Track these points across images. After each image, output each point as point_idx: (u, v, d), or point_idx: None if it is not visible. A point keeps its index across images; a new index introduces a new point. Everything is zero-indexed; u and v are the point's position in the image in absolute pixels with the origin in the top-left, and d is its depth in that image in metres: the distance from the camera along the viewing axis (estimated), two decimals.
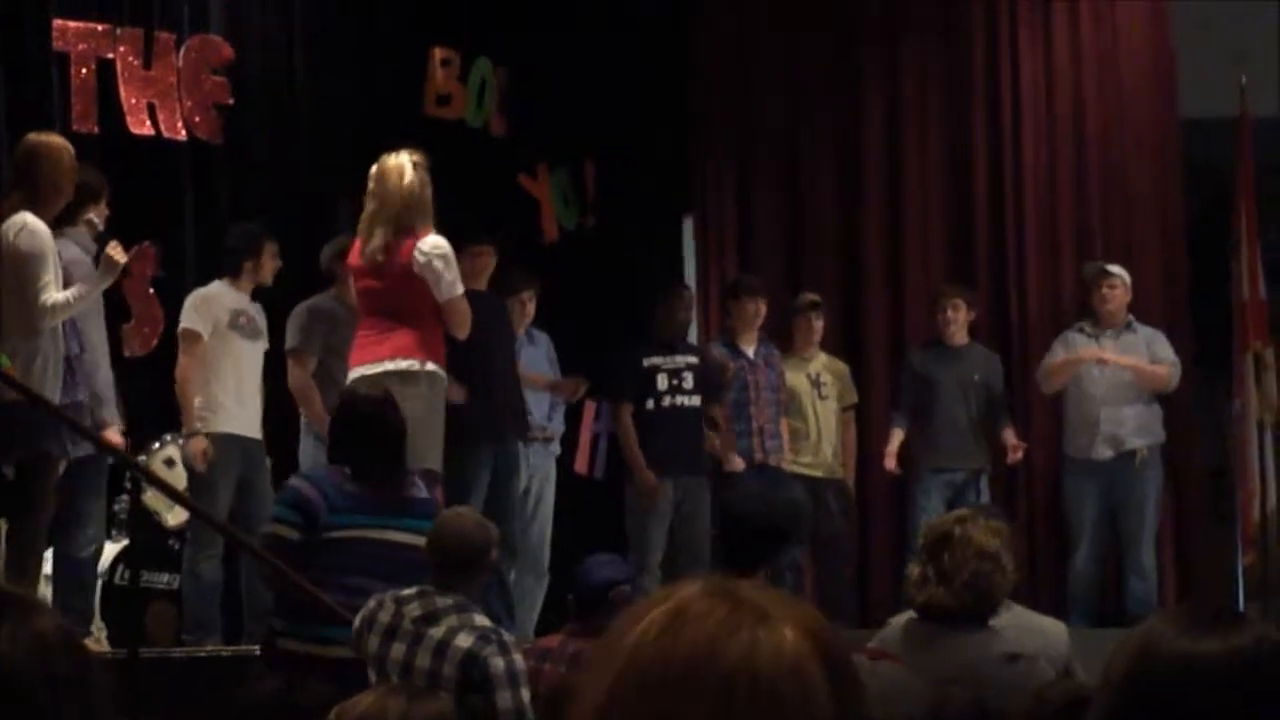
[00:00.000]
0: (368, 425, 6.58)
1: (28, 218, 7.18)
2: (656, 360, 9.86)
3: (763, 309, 10.35)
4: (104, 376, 7.71)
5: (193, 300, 8.68)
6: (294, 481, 6.76)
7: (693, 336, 10.90)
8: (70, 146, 7.46)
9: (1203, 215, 11.87)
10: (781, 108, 11.93)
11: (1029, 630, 5.83)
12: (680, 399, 9.86)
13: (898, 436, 10.61)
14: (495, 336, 8.98)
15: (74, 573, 7.71)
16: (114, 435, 7.62)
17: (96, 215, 7.79)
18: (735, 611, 1.56)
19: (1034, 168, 11.56)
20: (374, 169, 7.75)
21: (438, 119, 10.71)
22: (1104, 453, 10.32)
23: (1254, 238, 10.91)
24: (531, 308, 9.87)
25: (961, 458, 10.46)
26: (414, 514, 6.48)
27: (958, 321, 10.60)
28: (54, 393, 7.16)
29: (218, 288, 8.73)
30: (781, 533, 6.10)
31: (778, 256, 11.87)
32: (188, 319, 8.61)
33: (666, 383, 9.85)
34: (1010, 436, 10.55)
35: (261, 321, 8.66)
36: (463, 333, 7.76)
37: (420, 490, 6.67)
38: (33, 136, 7.43)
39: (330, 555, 6.35)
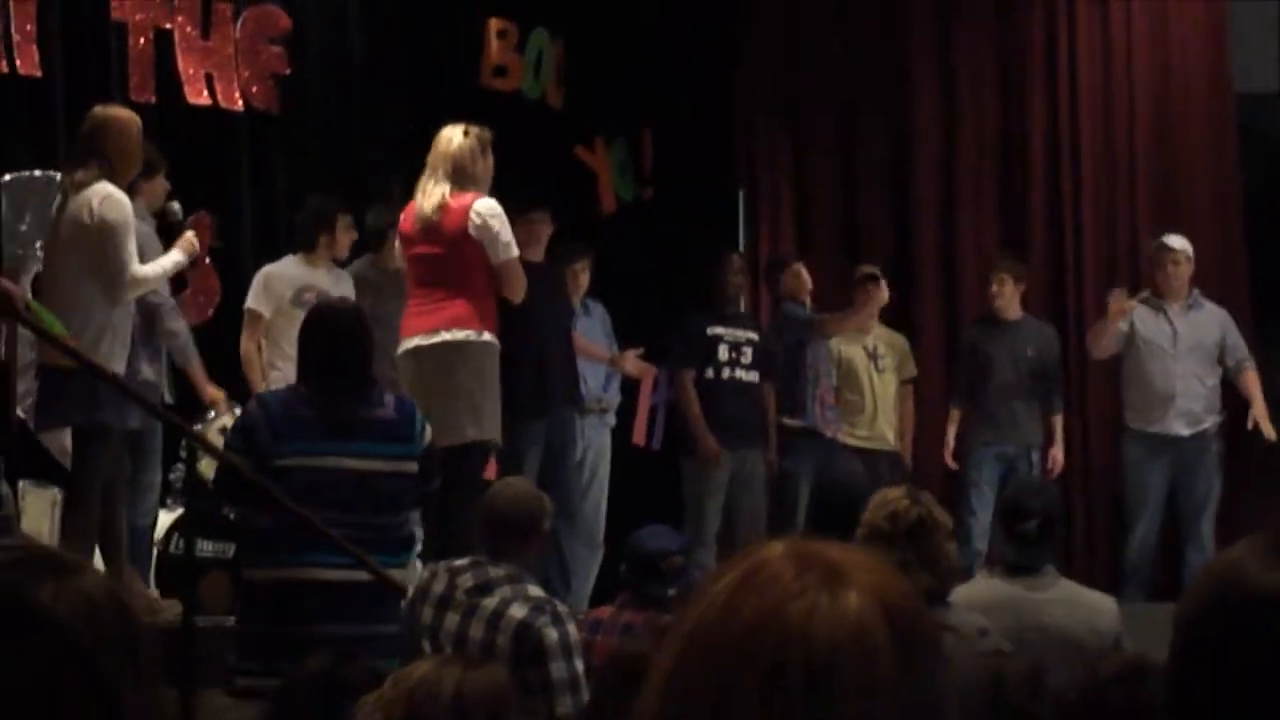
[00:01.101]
0: (328, 340, 6.21)
1: (110, 188, 7.11)
2: (719, 330, 9.84)
3: (805, 273, 10.33)
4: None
5: (258, 279, 8.76)
6: (247, 404, 6.58)
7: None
8: (138, 118, 7.42)
9: (1262, 189, 11.76)
10: (835, 80, 11.88)
11: (1075, 605, 5.82)
12: (739, 373, 9.84)
13: (954, 421, 10.58)
14: (550, 307, 8.95)
15: (133, 541, 7.75)
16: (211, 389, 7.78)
17: (156, 190, 7.82)
18: (803, 574, 1.53)
19: (1090, 140, 11.49)
20: (435, 138, 7.77)
21: (494, 90, 10.70)
22: (1179, 429, 10.23)
23: None
24: (586, 278, 9.84)
25: (1013, 432, 10.40)
26: (371, 437, 6.09)
27: (1005, 295, 10.51)
28: (120, 365, 7.14)
29: (286, 264, 8.80)
30: (854, 501, 5.99)
31: (832, 230, 11.85)
32: (252, 298, 8.72)
33: (727, 354, 9.83)
34: (1055, 432, 10.49)
35: (339, 293, 8.55)
36: (517, 297, 7.67)
37: (387, 410, 6.16)
38: (101, 109, 7.36)
39: (276, 485, 5.96)
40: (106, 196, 7.10)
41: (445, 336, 7.53)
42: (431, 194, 7.62)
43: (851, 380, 10.45)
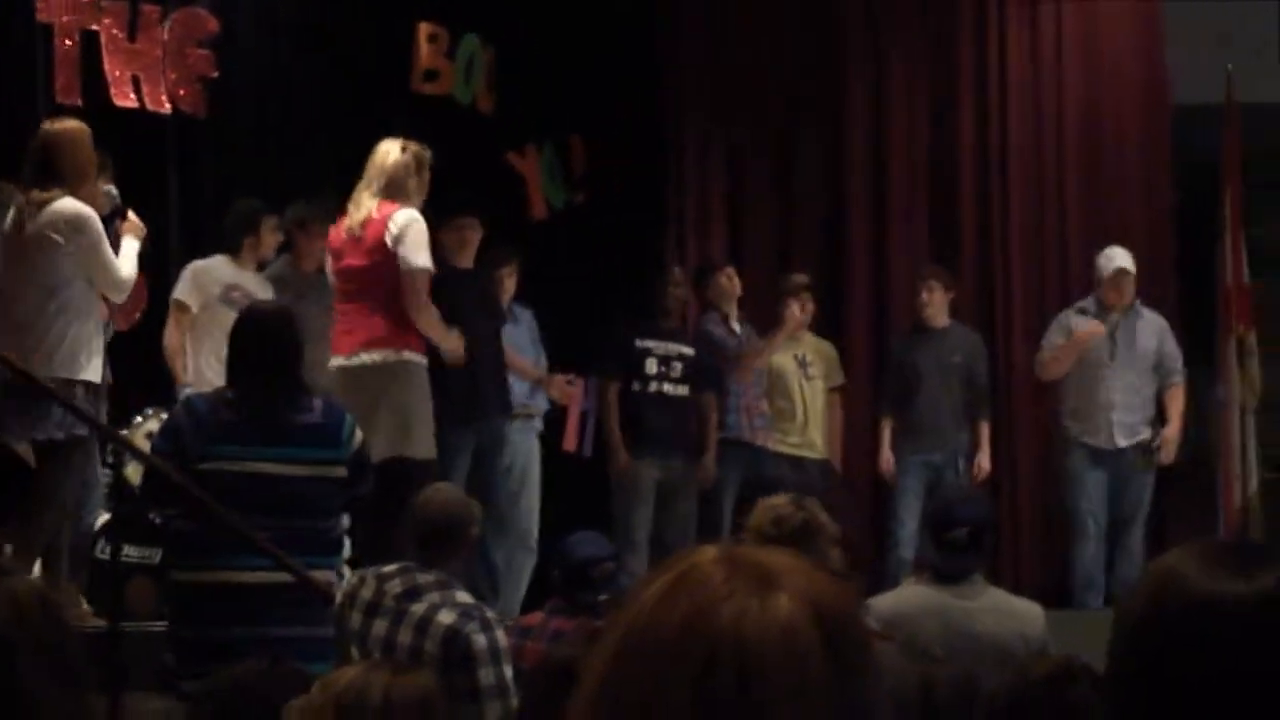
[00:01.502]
0: (258, 342, 6.22)
1: (74, 204, 7.19)
2: (649, 344, 9.86)
3: (734, 276, 10.35)
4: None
5: (187, 272, 8.77)
6: (174, 408, 6.57)
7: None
8: (87, 128, 7.42)
9: (1188, 201, 11.83)
10: (764, 87, 11.86)
11: (1004, 613, 5.83)
12: (667, 386, 9.86)
13: (888, 429, 10.55)
14: (480, 314, 8.93)
15: (79, 543, 7.72)
16: None
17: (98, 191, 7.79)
18: (733, 578, 1.53)
19: (1020, 150, 11.51)
20: (373, 150, 7.79)
21: (425, 95, 10.67)
22: (1120, 442, 10.20)
23: (1239, 224, 10.90)
24: (513, 284, 9.79)
25: (940, 440, 10.40)
26: (297, 441, 6.12)
27: (934, 303, 10.52)
28: (97, 374, 7.19)
29: (215, 262, 8.81)
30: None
31: (764, 238, 11.82)
32: (179, 289, 8.73)
33: (656, 367, 9.85)
34: (982, 440, 10.48)
35: (263, 295, 8.57)
36: (413, 312, 7.57)
37: (314, 414, 6.21)
38: (50, 125, 7.39)
39: (201, 489, 5.99)
40: (76, 214, 7.18)
41: (364, 359, 7.56)
42: (362, 206, 7.64)
43: (782, 388, 10.46)
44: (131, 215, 7.58)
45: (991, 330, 11.29)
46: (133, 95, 9.35)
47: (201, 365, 8.51)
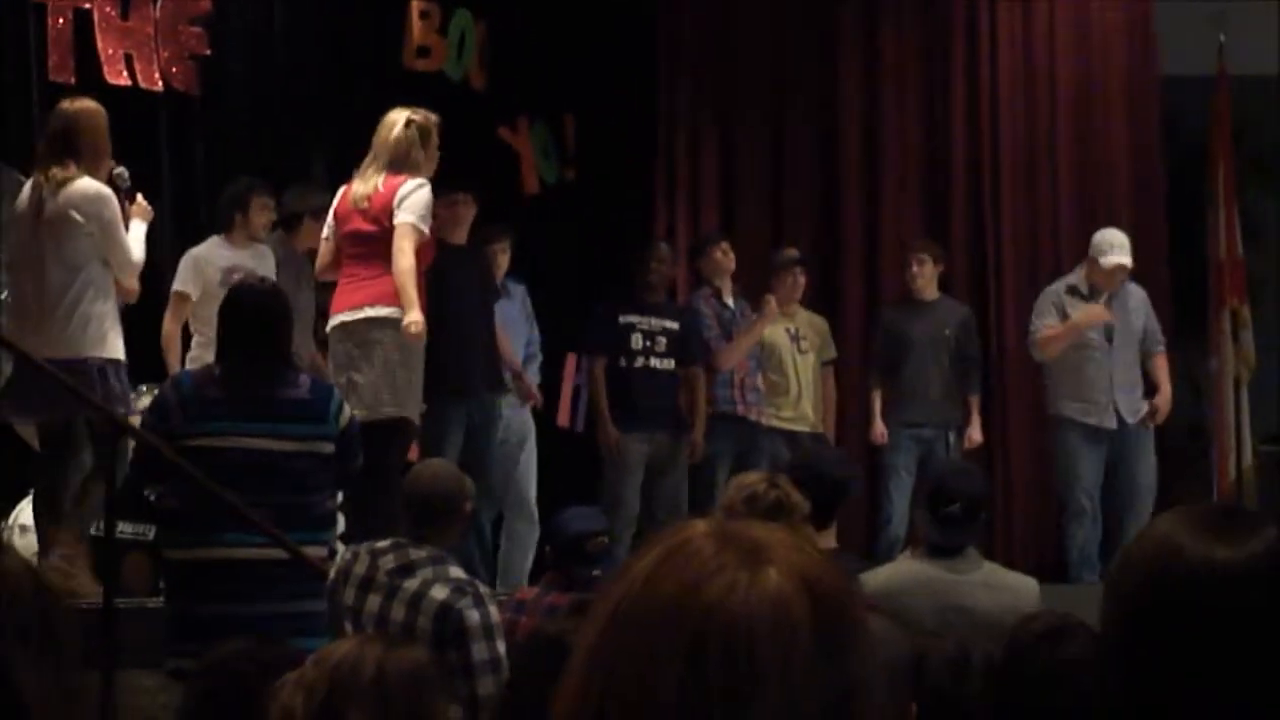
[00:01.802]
0: (246, 318, 6.24)
1: (93, 184, 7.30)
2: (633, 319, 9.85)
3: (729, 251, 10.33)
4: None
5: (186, 261, 8.73)
6: (162, 384, 6.60)
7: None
8: (103, 109, 7.50)
9: (1179, 173, 11.85)
10: (760, 63, 11.86)
11: (997, 587, 5.84)
12: (653, 361, 9.86)
13: (878, 399, 10.52)
14: (473, 289, 8.93)
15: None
16: None
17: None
18: (723, 552, 1.54)
19: (1011, 123, 11.54)
20: (379, 123, 7.79)
21: (417, 71, 10.65)
22: (1113, 421, 10.10)
23: (1231, 196, 10.92)
24: (505, 259, 9.76)
25: (931, 413, 10.39)
26: (283, 417, 6.14)
27: (924, 275, 10.50)
28: (119, 350, 7.30)
29: (211, 245, 8.77)
30: (841, 485, 6.11)
31: (756, 214, 11.83)
32: (179, 280, 8.69)
33: (641, 343, 9.86)
34: (973, 413, 10.45)
35: (263, 271, 8.51)
36: (400, 262, 7.49)
37: (300, 390, 6.22)
38: (69, 105, 7.47)
39: (178, 468, 6.00)
40: (98, 193, 7.30)
41: (369, 312, 7.51)
42: (369, 180, 7.64)
43: (775, 362, 10.46)
44: (140, 198, 7.65)
45: (984, 306, 11.31)
46: (125, 74, 9.33)
47: (206, 354, 8.47)
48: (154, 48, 9.41)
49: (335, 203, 7.84)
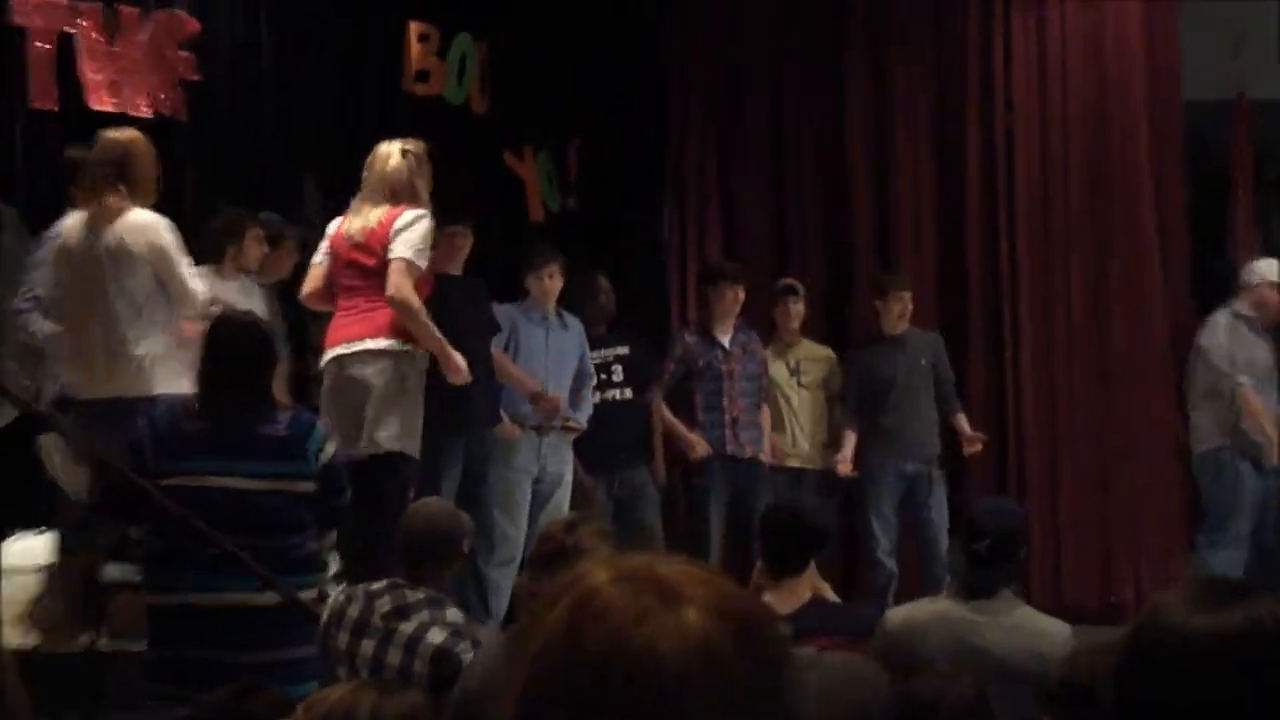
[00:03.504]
0: (225, 352, 6.24)
1: (149, 215, 7.35)
2: None
3: (741, 295, 10.25)
4: None
5: None
6: (136, 421, 6.55)
7: (674, 323, 10.90)
8: (146, 138, 7.54)
9: (1199, 200, 11.83)
10: (766, 91, 11.89)
11: (1023, 631, 5.78)
12: (610, 393, 9.89)
13: (851, 440, 10.46)
14: (469, 320, 8.88)
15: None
16: None
17: None
18: (639, 597, 1.55)
19: (1025, 150, 11.50)
20: (370, 155, 7.77)
21: (416, 96, 10.63)
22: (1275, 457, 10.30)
23: (1251, 221, 10.92)
24: (556, 286, 9.68)
25: (914, 449, 10.34)
26: (260, 455, 6.13)
27: (907, 314, 10.48)
28: (184, 384, 7.21)
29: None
30: (819, 533, 6.04)
31: (761, 244, 11.86)
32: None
33: (596, 378, 9.86)
34: (963, 424, 10.46)
35: (248, 307, 8.48)
36: (396, 291, 7.46)
37: (279, 426, 6.21)
38: (115, 135, 7.51)
39: (157, 507, 5.99)
40: (152, 223, 7.34)
41: (368, 344, 7.49)
42: (366, 214, 7.62)
43: (770, 397, 10.44)
44: None
45: (999, 334, 11.30)
46: (110, 99, 9.28)
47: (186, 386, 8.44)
48: (141, 73, 9.36)
49: (331, 231, 7.81)
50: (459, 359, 7.68)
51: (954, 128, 11.66)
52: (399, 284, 7.45)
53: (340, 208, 7.95)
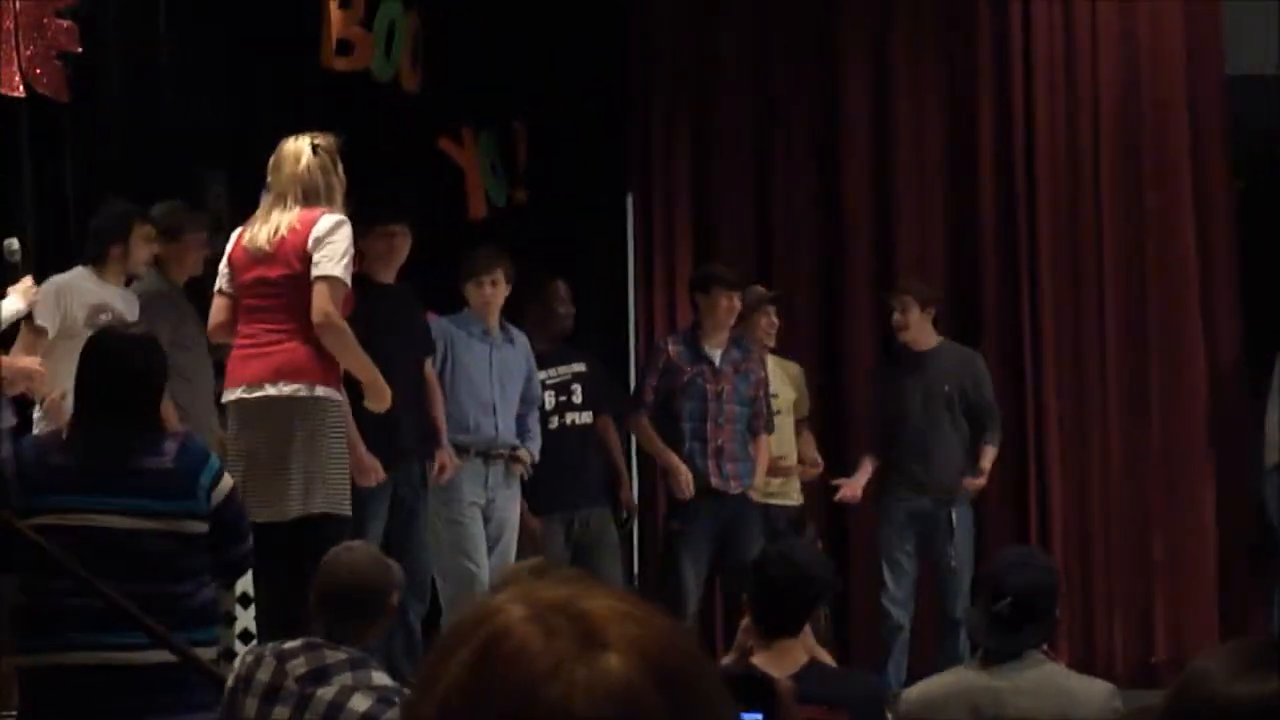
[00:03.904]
0: (105, 371, 6.24)
1: None
2: (540, 374, 9.91)
3: (737, 305, 10.24)
4: None
5: (46, 290, 8.56)
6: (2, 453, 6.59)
7: (632, 334, 11.20)
8: None
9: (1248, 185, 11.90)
10: (747, 67, 11.98)
11: (1050, 693, 5.78)
12: (570, 416, 10.00)
13: (867, 470, 10.56)
14: (400, 337, 8.87)
15: None
16: None
17: None
18: (553, 642, 1.57)
19: (1049, 134, 11.56)
20: (274, 155, 7.73)
21: (336, 71, 10.57)
22: None
23: None
24: (500, 296, 9.63)
25: (929, 484, 10.39)
26: (141, 490, 6.13)
27: (911, 323, 10.52)
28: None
29: (78, 276, 8.68)
30: (818, 586, 6.02)
31: (741, 243, 11.97)
32: (38, 310, 8.51)
33: (554, 399, 9.97)
34: (982, 458, 10.48)
35: (133, 316, 8.52)
36: (325, 329, 7.46)
37: (164, 458, 6.23)
38: None
39: (24, 549, 6.00)
40: None
41: (270, 391, 7.47)
42: (274, 219, 7.58)
43: None
44: (29, 280, 7.84)
45: (1019, 351, 11.38)
46: None
47: (62, 402, 8.40)
48: (14, 45, 9.33)
49: (229, 249, 7.78)
50: (386, 390, 7.60)
51: (965, 107, 11.79)
52: (325, 309, 7.42)
53: (247, 201, 7.91)
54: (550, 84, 11.52)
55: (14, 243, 7.74)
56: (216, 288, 7.82)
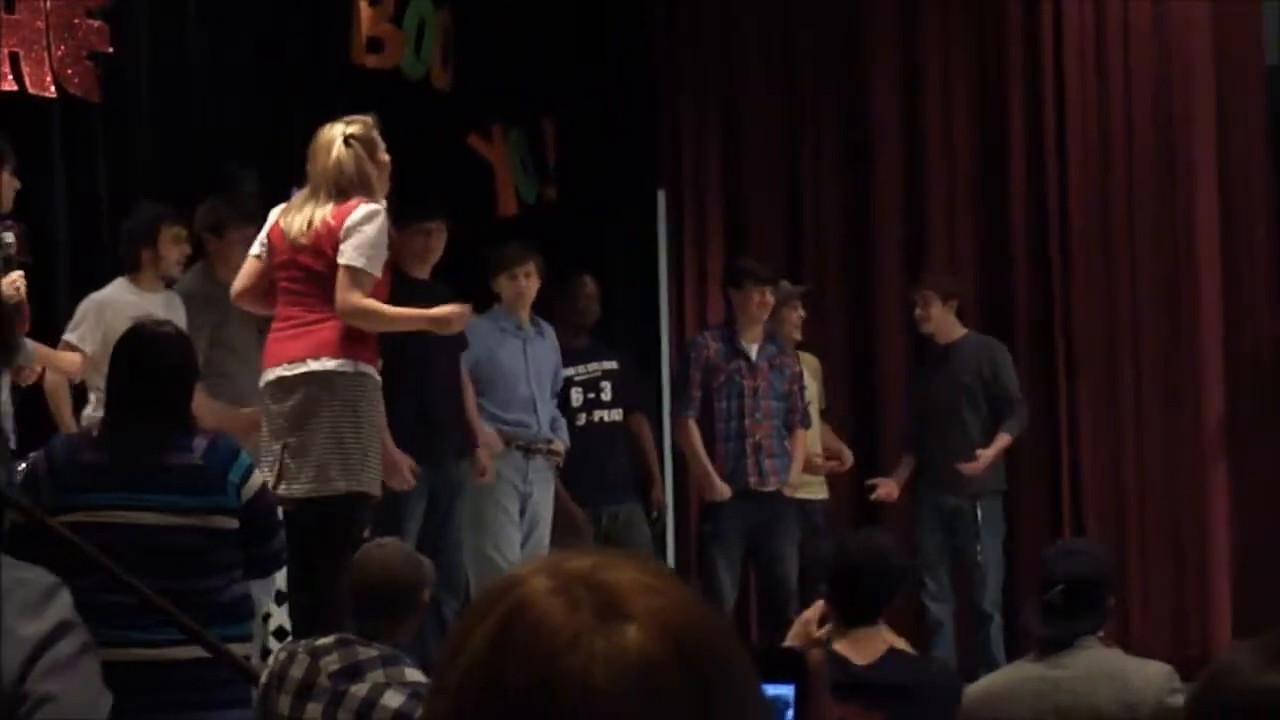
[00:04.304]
0: (133, 367, 6.28)
1: None
2: (569, 371, 9.92)
3: (770, 300, 10.27)
4: None
5: (86, 308, 8.58)
6: (34, 453, 6.64)
7: (664, 331, 11.17)
8: None
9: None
10: (777, 59, 11.98)
11: (1105, 677, 5.81)
12: (599, 414, 9.99)
13: (904, 467, 10.69)
14: (437, 337, 8.89)
15: None
16: None
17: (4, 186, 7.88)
18: (575, 614, 1.57)
19: (1081, 130, 11.56)
20: (312, 144, 7.71)
21: (367, 69, 10.66)
22: None
23: None
24: (534, 288, 9.65)
25: (955, 481, 10.45)
26: (170, 486, 6.19)
27: (931, 317, 10.59)
28: None
29: (117, 290, 8.65)
30: (899, 573, 6.09)
31: (771, 239, 12.01)
32: (74, 330, 8.55)
33: (582, 396, 9.98)
34: (993, 446, 10.48)
35: (178, 319, 8.37)
36: (350, 310, 7.45)
37: (193, 455, 6.28)
38: None
39: (55, 546, 5.91)
40: None
41: (312, 366, 7.44)
42: (309, 213, 7.56)
43: None
44: (17, 275, 7.75)
45: (1050, 350, 11.44)
46: (10, 77, 9.29)
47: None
48: (45, 45, 9.36)
49: (268, 225, 7.76)
50: (449, 311, 7.63)
51: (996, 95, 11.81)
52: (343, 296, 7.41)
53: (279, 199, 7.89)
54: (579, 81, 11.55)
55: (8, 235, 7.78)
56: (252, 251, 7.80)
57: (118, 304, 8.61)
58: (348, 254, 7.43)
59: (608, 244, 11.31)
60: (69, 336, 8.58)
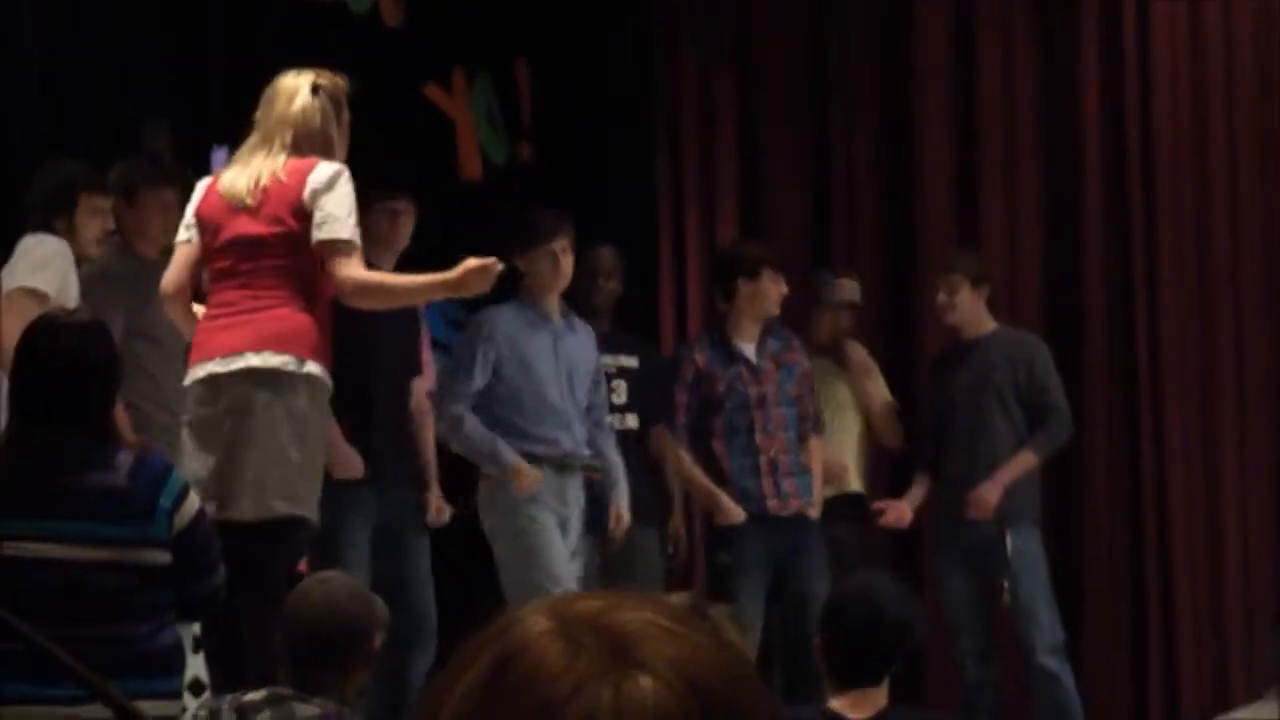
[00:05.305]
0: (40, 368, 6.27)
1: None
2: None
3: (772, 291, 10.09)
4: None
5: (44, 252, 8.28)
6: None
7: (669, 326, 11.23)
8: None
9: None
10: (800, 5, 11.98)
11: None
12: (612, 418, 9.81)
13: (918, 487, 10.47)
14: (387, 333, 8.79)
15: None
16: None
17: None
18: (577, 658, 1.62)
19: (1169, 119, 11.49)
20: (266, 90, 7.63)
21: (306, 2, 10.52)
22: None
23: None
24: (570, 266, 9.40)
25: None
26: (87, 513, 6.16)
27: (961, 305, 10.39)
28: None
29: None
30: (896, 629, 6.10)
31: (792, 214, 11.99)
32: (33, 276, 8.20)
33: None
34: (1010, 469, 10.18)
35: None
36: (350, 289, 7.36)
37: (116, 474, 6.24)
38: None
39: None
40: None
41: (252, 361, 7.29)
42: (259, 165, 7.45)
43: None
44: None
45: (1132, 354, 11.36)
46: None
47: None
48: None
49: (196, 200, 7.64)
50: (465, 264, 7.39)
51: (1064, 51, 11.74)
52: (348, 275, 7.30)
53: (195, 159, 7.90)
54: (559, 14, 11.53)
55: None
56: (180, 238, 7.64)
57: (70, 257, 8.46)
58: (330, 226, 7.32)
59: (594, 215, 11.17)
60: (36, 285, 8.36)
